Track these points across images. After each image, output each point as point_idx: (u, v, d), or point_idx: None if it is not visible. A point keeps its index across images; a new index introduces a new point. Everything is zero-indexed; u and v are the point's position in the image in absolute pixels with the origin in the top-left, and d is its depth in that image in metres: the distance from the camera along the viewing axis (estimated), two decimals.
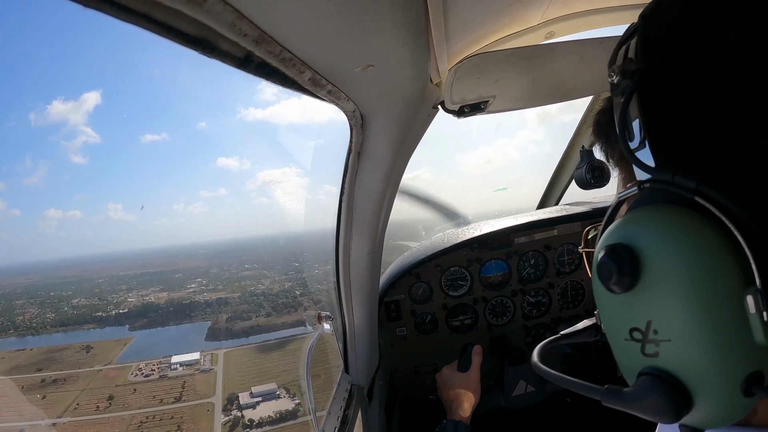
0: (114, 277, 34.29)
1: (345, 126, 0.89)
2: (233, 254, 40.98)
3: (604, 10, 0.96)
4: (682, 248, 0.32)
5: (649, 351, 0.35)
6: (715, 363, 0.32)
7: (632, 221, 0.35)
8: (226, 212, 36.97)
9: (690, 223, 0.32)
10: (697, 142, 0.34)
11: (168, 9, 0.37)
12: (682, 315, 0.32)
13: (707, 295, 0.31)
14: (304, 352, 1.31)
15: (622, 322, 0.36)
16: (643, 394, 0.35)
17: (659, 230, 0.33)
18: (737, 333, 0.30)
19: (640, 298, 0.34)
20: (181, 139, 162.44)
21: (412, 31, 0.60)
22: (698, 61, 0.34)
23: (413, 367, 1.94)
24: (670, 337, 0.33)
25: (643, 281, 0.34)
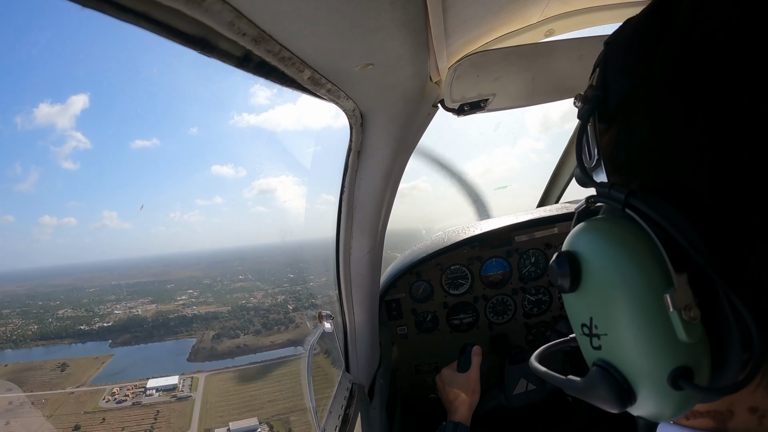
0: (105, 287, 33.81)
1: (345, 125, 0.89)
2: (228, 264, 40.01)
3: (604, 7, 0.95)
4: (610, 252, 0.36)
5: (594, 344, 0.39)
6: (643, 355, 0.34)
7: (576, 231, 0.40)
8: (223, 221, 36.32)
9: (619, 230, 0.36)
10: (637, 160, 0.38)
11: (166, 8, 0.37)
12: (614, 311, 0.36)
13: (633, 293, 0.34)
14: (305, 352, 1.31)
15: (576, 319, 0.41)
16: (592, 384, 0.39)
17: (593, 237, 0.38)
18: (662, 329, 0.33)
19: (583, 296, 0.39)
20: (175, 145, 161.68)
21: (412, 29, 0.60)
22: (639, 87, 0.38)
23: (414, 366, 1.94)
24: (606, 331, 0.37)
25: (584, 282, 0.38)
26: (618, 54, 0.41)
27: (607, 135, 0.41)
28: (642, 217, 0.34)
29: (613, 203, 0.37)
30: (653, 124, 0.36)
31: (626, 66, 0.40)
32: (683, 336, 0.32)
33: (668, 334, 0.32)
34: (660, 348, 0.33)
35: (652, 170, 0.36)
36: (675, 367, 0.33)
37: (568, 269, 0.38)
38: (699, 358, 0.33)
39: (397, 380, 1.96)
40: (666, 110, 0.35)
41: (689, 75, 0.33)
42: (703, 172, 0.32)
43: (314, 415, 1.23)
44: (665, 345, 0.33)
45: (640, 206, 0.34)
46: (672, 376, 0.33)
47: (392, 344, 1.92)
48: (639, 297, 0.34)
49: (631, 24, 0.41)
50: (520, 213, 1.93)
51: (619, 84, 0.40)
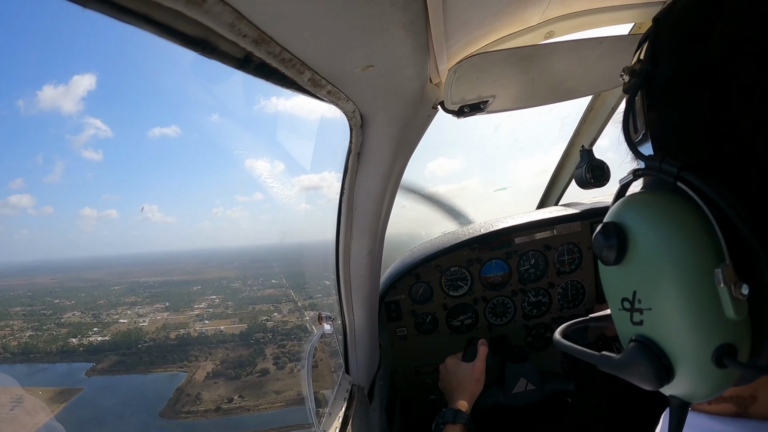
0: (132, 285, 31.46)
1: (344, 126, 0.89)
2: (265, 265, 34.60)
3: (604, 9, 0.96)
4: (660, 225, 0.35)
5: (635, 319, 0.38)
6: (688, 331, 0.34)
7: (623, 203, 0.40)
8: (267, 217, 34.54)
9: (670, 204, 0.36)
10: (687, 136, 0.38)
11: (167, 9, 0.37)
12: (661, 285, 0.35)
13: (682, 267, 0.34)
14: (305, 352, 1.31)
15: (616, 293, 0.41)
16: (630, 360, 0.39)
17: (643, 210, 0.37)
18: (709, 305, 0.32)
19: (628, 269, 0.38)
20: (207, 139, 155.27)
21: (412, 30, 0.60)
22: (693, 64, 0.37)
23: (414, 367, 1.94)
24: (650, 306, 0.37)
25: (630, 254, 0.37)
26: (669, 30, 0.41)
27: (654, 110, 0.41)
28: (694, 192, 0.34)
29: (663, 176, 0.36)
30: (708, 101, 0.35)
31: (679, 42, 0.39)
32: (731, 313, 0.31)
33: (716, 310, 0.32)
34: (707, 324, 0.33)
35: (702, 147, 0.36)
36: (721, 344, 0.33)
37: (615, 241, 0.38)
38: (742, 336, 0.33)
39: (397, 382, 1.96)
40: (722, 88, 0.34)
41: (748, 54, 0.33)
42: (757, 153, 0.32)
43: (314, 417, 1.23)
44: (713, 321, 0.33)
45: (693, 180, 0.34)
46: (717, 354, 0.33)
47: (392, 346, 1.91)
48: (689, 272, 0.33)
49: (682, 1, 0.41)
50: (519, 215, 1.93)
51: (671, 60, 0.39)
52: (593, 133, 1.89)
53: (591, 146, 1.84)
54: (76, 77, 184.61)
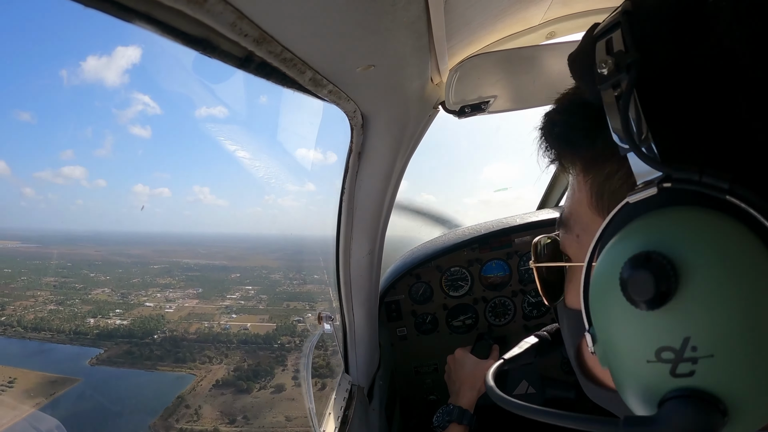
0: (171, 265, 29.02)
1: (345, 126, 0.89)
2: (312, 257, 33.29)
3: (605, 10, 0.95)
4: (727, 256, 0.29)
5: (681, 371, 0.31)
6: (763, 375, 0.30)
7: (662, 226, 0.31)
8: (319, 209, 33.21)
9: (730, 228, 0.29)
10: (721, 138, 0.31)
11: (169, 9, 0.37)
12: (729, 327, 0.29)
13: (754, 303, 0.29)
14: (305, 351, 1.31)
15: (648, 342, 0.32)
16: (673, 417, 0.31)
17: (698, 235, 0.30)
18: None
19: (675, 313, 0.31)
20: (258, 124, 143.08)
21: (413, 30, 0.60)
22: (706, 52, 0.32)
23: (413, 368, 1.94)
24: (712, 352, 0.30)
25: (680, 294, 0.30)
26: (658, 18, 0.36)
27: (661, 108, 0.34)
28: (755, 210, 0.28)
29: (709, 191, 0.30)
30: (737, 98, 0.30)
31: (678, 30, 0.34)
32: None
33: None
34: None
35: (733, 154, 0.30)
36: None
37: (668, 276, 0.30)
38: None
39: (397, 382, 1.96)
40: (751, 76, 0.29)
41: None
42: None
43: (313, 417, 1.23)
44: None
45: (749, 197, 0.28)
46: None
47: (392, 346, 1.91)
48: (763, 306, 0.28)
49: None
50: (520, 215, 1.93)
51: (670, 49, 0.34)
52: None
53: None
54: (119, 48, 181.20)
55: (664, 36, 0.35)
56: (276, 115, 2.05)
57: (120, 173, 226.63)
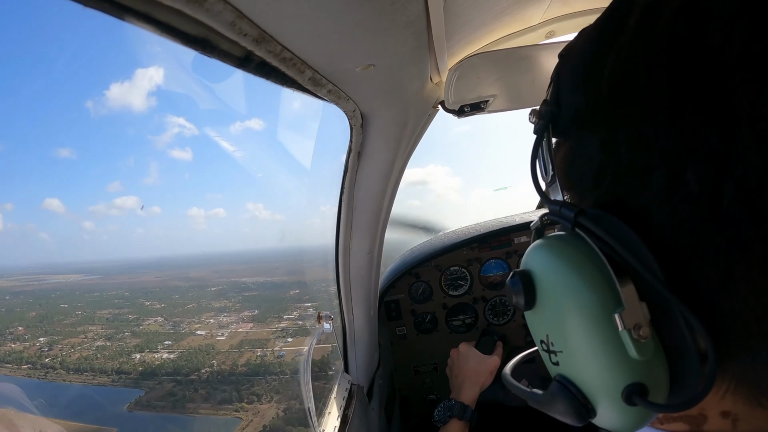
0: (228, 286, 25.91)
1: (345, 125, 0.89)
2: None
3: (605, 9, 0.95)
4: (560, 271, 0.36)
5: (553, 360, 0.39)
6: (598, 373, 0.35)
7: (530, 249, 0.40)
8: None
9: (569, 249, 0.36)
10: (587, 179, 0.37)
11: (168, 8, 0.37)
12: (567, 329, 0.36)
13: (584, 312, 0.34)
14: (305, 351, 1.31)
15: (536, 335, 0.41)
16: (552, 398, 0.39)
17: (544, 256, 0.38)
18: (613, 348, 0.33)
19: (539, 314, 0.39)
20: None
21: (413, 30, 0.60)
22: (588, 104, 0.36)
23: (413, 367, 1.94)
24: (561, 348, 0.37)
25: (539, 300, 0.38)
26: (571, 67, 0.40)
27: (561, 151, 0.40)
28: (591, 235, 0.34)
29: (563, 222, 0.36)
30: (601, 140, 0.35)
31: (578, 80, 0.39)
32: (634, 354, 0.32)
33: (620, 351, 0.32)
34: (613, 365, 0.33)
35: (602, 188, 0.35)
36: (628, 383, 0.33)
37: (521, 288, 0.38)
38: (654, 373, 0.33)
39: (396, 381, 1.96)
40: (612, 126, 0.34)
41: (634, 88, 0.32)
42: (650, 191, 0.31)
43: (313, 416, 1.23)
44: (617, 362, 0.33)
45: (589, 225, 0.34)
46: (625, 393, 0.33)
47: (391, 345, 1.92)
48: (590, 316, 0.34)
49: (583, 35, 0.40)
50: (519, 214, 1.94)
51: (571, 99, 0.39)
52: None
53: None
54: (139, 70, 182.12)
55: (573, 82, 0.39)
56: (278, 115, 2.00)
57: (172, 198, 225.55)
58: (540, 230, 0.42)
